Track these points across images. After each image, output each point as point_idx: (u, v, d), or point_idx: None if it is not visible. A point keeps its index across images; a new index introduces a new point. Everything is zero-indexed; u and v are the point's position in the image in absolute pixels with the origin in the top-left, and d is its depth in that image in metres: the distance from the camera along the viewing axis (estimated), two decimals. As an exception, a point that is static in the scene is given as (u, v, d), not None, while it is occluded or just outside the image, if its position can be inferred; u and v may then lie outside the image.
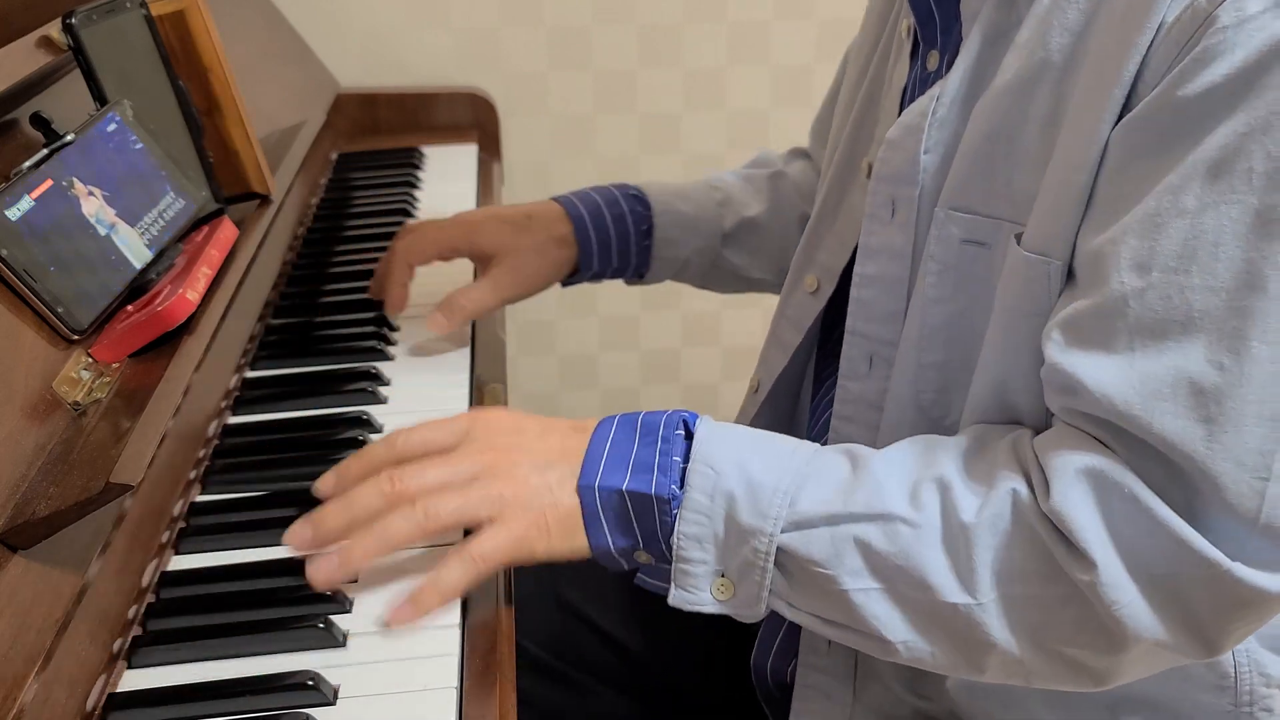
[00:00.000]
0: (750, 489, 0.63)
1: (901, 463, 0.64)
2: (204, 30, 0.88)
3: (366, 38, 1.52)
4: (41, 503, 0.57)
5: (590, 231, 0.94)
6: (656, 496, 0.63)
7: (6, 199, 0.64)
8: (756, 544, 0.62)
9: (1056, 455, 0.59)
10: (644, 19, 1.57)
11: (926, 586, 0.60)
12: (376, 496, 0.64)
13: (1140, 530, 0.56)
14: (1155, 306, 0.56)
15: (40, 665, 0.53)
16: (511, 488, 0.64)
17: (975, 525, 0.60)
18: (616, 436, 0.66)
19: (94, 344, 0.68)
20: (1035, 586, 0.59)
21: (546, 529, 0.64)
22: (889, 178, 0.72)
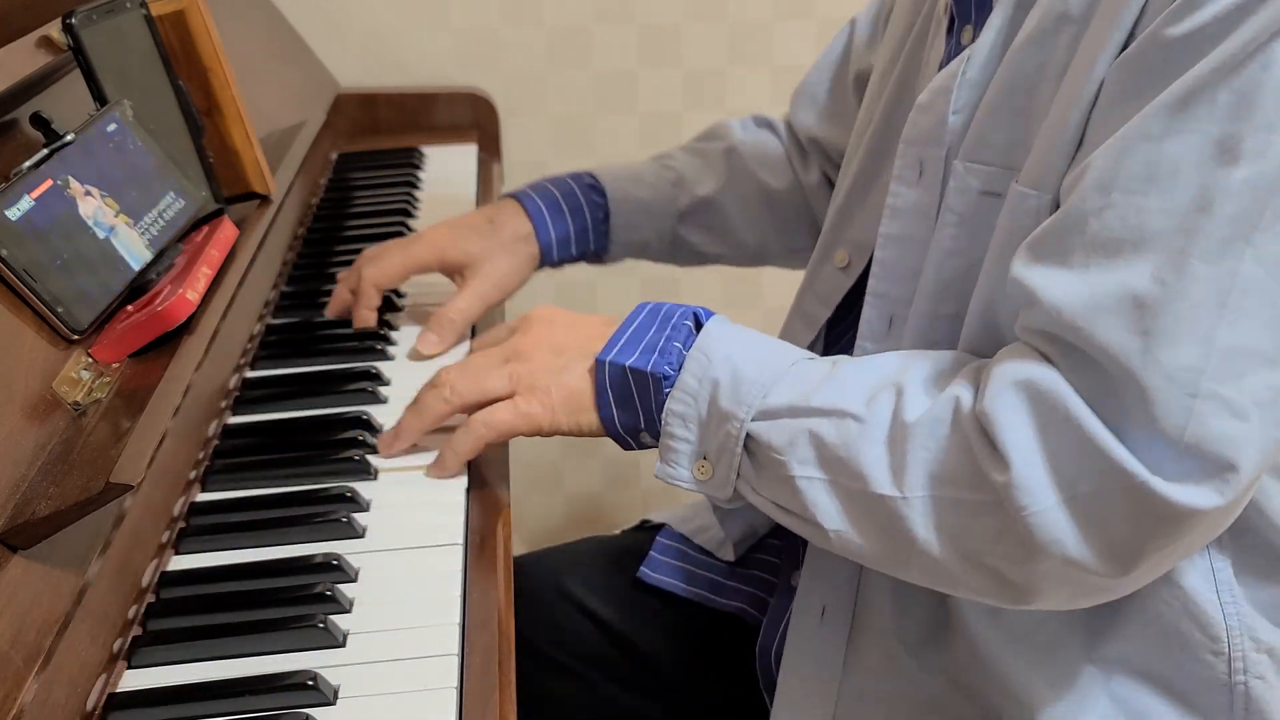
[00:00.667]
0: (734, 378, 0.68)
1: (872, 370, 0.68)
2: (204, 30, 0.88)
3: (366, 38, 1.52)
4: (41, 503, 0.57)
5: (550, 227, 0.98)
6: (652, 374, 0.70)
7: (6, 199, 0.64)
8: (730, 428, 0.68)
9: (999, 365, 0.61)
10: (644, 19, 1.57)
11: (861, 477, 0.63)
12: (439, 400, 0.75)
13: (1067, 442, 0.58)
14: (1112, 225, 0.58)
15: (40, 665, 0.53)
16: (526, 366, 0.73)
17: (915, 424, 0.63)
18: (643, 320, 0.73)
19: (94, 344, 0.68)
20: (962, 490, 0.61)
21: (551, 405, 0.72)
22: (917, 140, 0.73)
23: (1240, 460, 0.56)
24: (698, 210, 1.03)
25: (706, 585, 0.92)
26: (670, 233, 1.04)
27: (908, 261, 0.74)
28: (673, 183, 1.03)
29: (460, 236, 0.96)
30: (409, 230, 1.18)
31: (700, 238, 1.05)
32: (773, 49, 1.62)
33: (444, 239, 0.96)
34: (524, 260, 0.98)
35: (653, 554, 0.94)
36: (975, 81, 0.70)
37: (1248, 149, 0.55)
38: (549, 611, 0.93)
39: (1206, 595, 0.67)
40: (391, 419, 0.83)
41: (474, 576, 0.68)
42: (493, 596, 0.67)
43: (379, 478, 0.77)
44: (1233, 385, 0.56)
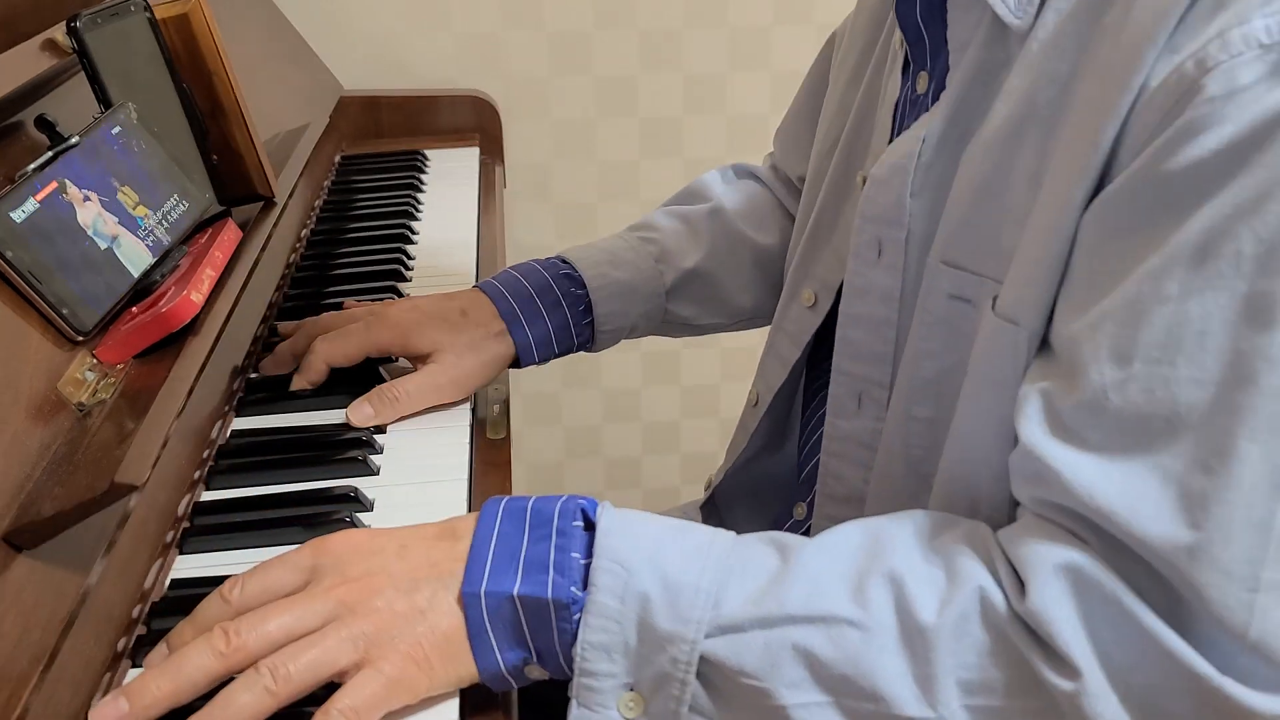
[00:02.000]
0: (667, 588, 0.55)
1: (840, 554, 0.58)
2: (207, 33, 0.88)
3: (369, 41, 1.53)
4: (46, 503, 0.57)
5: (525, 326, 0.87)
6: (554, 601, 0.55)
7: (11, 201, 0.65)
8: (675, 653, 0.55)
9: (1030, 548, 0.53)
10: (644, 23, 1.58)
11: (879, 697, 0.54)
12: (210, 656, 0.53)
13: (1122, 635, 0.51)
14: (1137, 400, 0.51)
15: (45, 665, 0.53)
16: (374, 622, 0.55)
17: (937, 627, 0.53)
18: (504, 530, 0.58)
19: (99, 345, 0.69)
20: (1004, 698, 0.53)
21: (426, 660, 0.55)
22: (875, 218, 0.69)
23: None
24: (686, 283, 0.95)
25: None
26: (659, 311, 0.94)
27: (874, 345, 0.71)
28: (655, 258, 0.94)
29: (429, 324, 0.85)
30: (412, 233, 1.19)
31: (692, 311, 0.96)
32: (772, 54, 1.62)
33: (409, 324, 0.85)
34: (491, 360, 0.85)
35: None
36: (931, 164, 0.65)
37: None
38: None
39: None
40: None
41: (476, 577, 0.68)
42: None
43: (382, 476, 0.77)
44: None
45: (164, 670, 0.54)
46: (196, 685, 0.54)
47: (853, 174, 0.81)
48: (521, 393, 1.74)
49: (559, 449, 1.80)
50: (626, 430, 1.81)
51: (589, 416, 1.79)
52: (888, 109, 0.75)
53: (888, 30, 0.79)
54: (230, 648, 0.54)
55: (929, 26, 0.68)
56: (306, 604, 0.55)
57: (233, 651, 0.54)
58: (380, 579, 0.56)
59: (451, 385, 0.84)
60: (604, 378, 1.77)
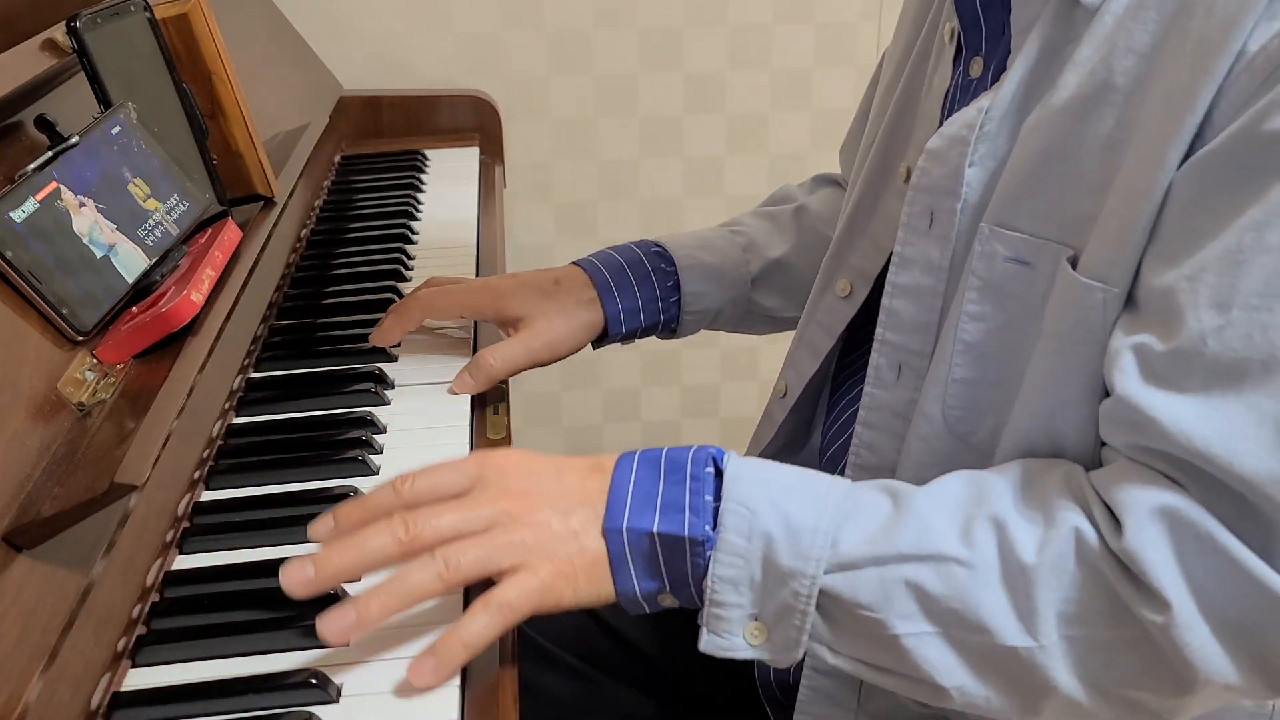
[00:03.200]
0: (789, 529, 0.61)
1: (947, 499, 0.62)
2: (207, 33, 0.88)
3: (369, 41, 1.53)
4: (46, 503, 0.57)
5: (616, 296, 0.92)
6: (690, 539, 0.61)
7: (11, 201, 0.65)
8: (797, 586, 0.60)
9: (1126, 492, 0.57)
10: (644, 22, 1.58)
11: (984, 629, 0.58)
12: (390, 540, 0.60)
13: (1216, 571, 0.55)
14: (1235, 345, 0.54)
15: (45, 664, 0.53)
16: (534, 534, 0.61)
17: (1037, 565, 0.58)
18: (640, 475, 0.64)
19: (98, 345, 0.69)
20: (1100, 629, 0.58)
21: (574, 576, 0.62)
22: (929, 189, 0.70)
23: None
24: (771, 273, 0.98)
25: None
26: (744, 299, 0.98)
27: (918, 314, 0.72)
28: (743, 247, 0.99)
29: (523, 290, 0.91)
30: (412, 233, 1.19)
31: (775, 301, 0.99)
32: (772, 53, 1.62)
33: (505, 290, 0.91)
34: (582, 327, 0.91)
35: None
36: (995, 135, 0.67)
37: None
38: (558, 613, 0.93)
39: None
40: (394, 419, 0.83)
41: (476, 576, 0.68)
42: (495, 596, 0.67)
43: (381, 476, 0.77)
44: None
45: (348, 546, 0.60)
46: (373, 564, 0.60)
47: (892, 166, 0.81)
48: (521, 393, 1.74)
49: (559, 449, 1.80)
50: (626, 430, 1.81)
51: (589, 416, 1.79)
52: (935, 99, 0.76)
53: (931, 23, 0.80)
54: (409, 536, 0.60)
55: (987, 13, 0.71)
56: (475, 508, 0.62)
57: (410, 540, 0.60)
58: (539, 498, 0.63)
59: (545, 349, 0.90)
60: (604, 378, 1.77)
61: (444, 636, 0.59)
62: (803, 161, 1.68)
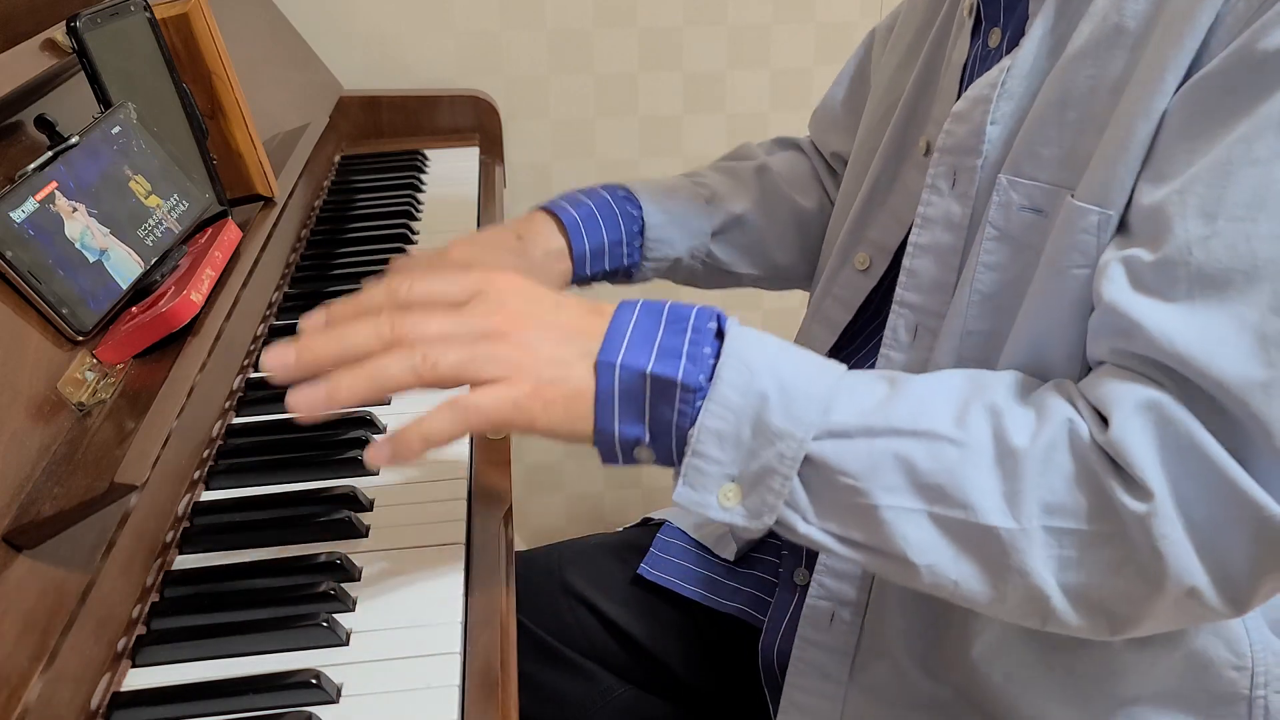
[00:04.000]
0: (784, 391, 0.60)
1: (946, 386, 0.63)
2: (207, 33, 0.88)
3: (369, 41, 1.53)
4: (46, 503, 0.57)
5: (585, 239, 0.91)
6: (682, 384, 0.60)
7: (11, 201, 0.65)
8: (783, 448, 0.59)
9: (1112, 388, 0.58)
10: (644, 22, 1.58)
11: (968, 506, 0.59)
12: (373, 336, 0.59)
13: (1191, 469, 0.56)
14: (1220, 254, 0.56)
15: (45, 664, 0.53)
16: (520, 353, 0.60)
17: (1028, 450, 0.58)
18: (641, 320, 0.63)
19: (98, 345, 0.69)
20: (1081, 521, 0.58)
21: (551, 402, 0.60)
22: (952, 149, 0.72)
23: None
24: (731, 227, 0.99)
25: (706, 584, 0.92)
26: (704, 250, 0.99)
27: (938, 273, 0.72)
28: (706, 199, 0.99)
29: (488, 253, 0.89)
30: (412, 232, 1.19)
31: (733, 256, 1.00)
32: (771, 52, 1.62)
33: (471, 255, 0.88)
34: (554, 277, 0.90)
35: (653, 551, 0.94)
36: (1016, 93, 0.68)
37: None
38: (552, 605, 0.93)
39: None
40: (395, 419, 0.83)
41: (476, 575, 0.68)
42: (495, 595, 0.67)
43: (381, 476, 0.77)
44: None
45: (329, 337, 0.60)
46: (352, 354, 0.59)
47: (912, 140, 0.82)
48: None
49: (559, 449, 1.80)
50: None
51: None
52: (954, 73, 0.77)
53: (949, 4, 0.81)
54: (393, 333, 0.59)
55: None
56: (468, 317, 0.61)
57: (395, 337, 0.59)
58: (533, 321, 0.62)
59: None
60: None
61: (405, 427, 0.59)
62: (803, 161, 1.68)
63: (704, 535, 0.95)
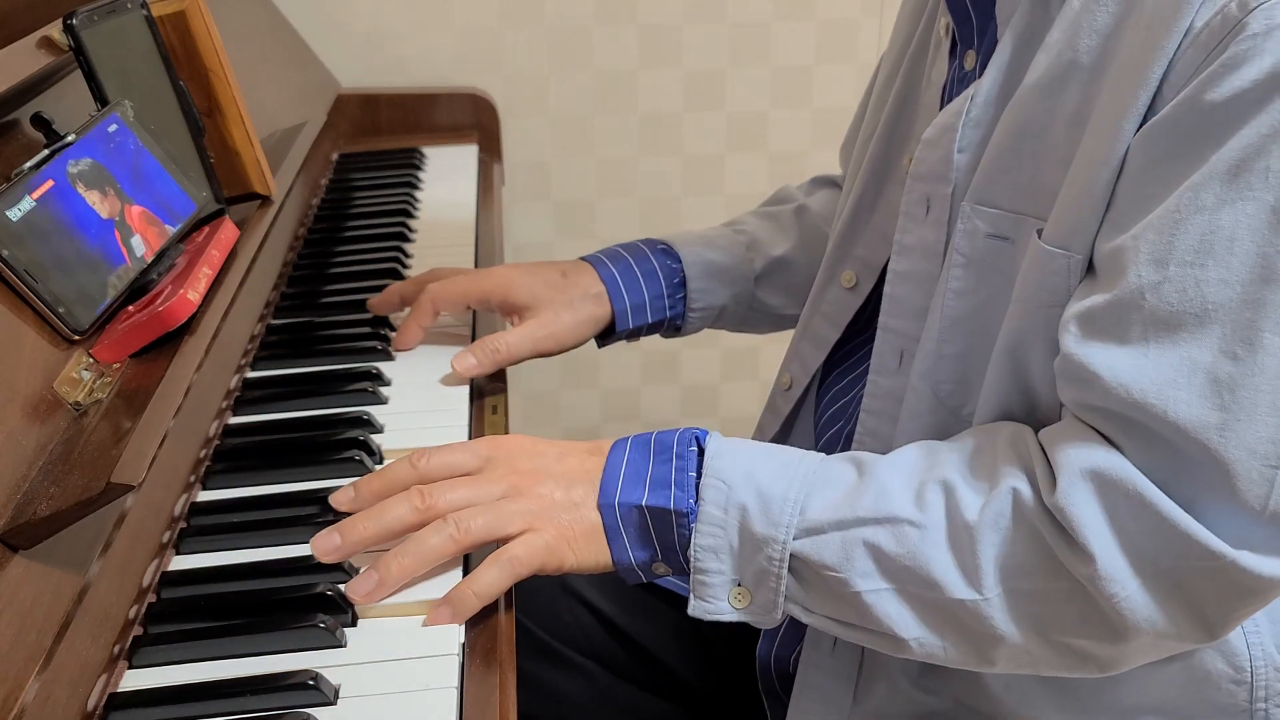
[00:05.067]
0: (761, 499, 0.65)
1: (906, 466, 0.66)
2: (205, 31, 0.88)
3: (367, 38, 1.53)
4: (42, 503, 0.57)
5: (623, 290, 0.94)
6: (675, 511, 0.66)
7: (8, 199, 0.64)
8: (770, 552, 0.65)
9: (1062, 451, 0.60)
10: (644, 19, 1.57)
11: (934, 584, 0.62)
12: (408, 510, 0.66)
13: (1144, 526, 0.58)
14: (1171, 299, 0.57)
15: (41, 665, 0.53)
16: (538, 503, 0.67)
17: (978, 523, 0.62)
18: (632, 456, 0.70)
19: (95, 344, 0.68)
20: (1039, 581, 0.61)
21: (574, 540, 0.67)
22: (924, 176, 0.73)
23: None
24: (774, 271, 1.00)
25: None
26: (748, 296, 1.00)
27: (919, 299, 0.74)
28: (747, 245, 1.01)
29: (530, 280, 0.93)
30: (410, 231, 1.19)
31: (779, 299, 1.01)
32: (772, 49, 1.62)
33: (514, 278, 0.93)
34: (587, 320, 0.93)
35: None
36: (980, 120, 0.70)
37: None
38: (552, 605, 0.94)
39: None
40: (392, 419, 0.83)
41: (475, 576, 0.68)
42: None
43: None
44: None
45: (370, 515, 0.66)
46: (393, 532, 0.66)
47: (895, 159, 0.83)
48: (521, 393, 1.73)
49: (558, 447, 1.79)
50: (626, 430, 1.80)
51: (588, 416, 1.79)
52: (934, 93, 0.78)
53: (926, 21, 0.82)
54: (425, 505, 0.66)
55: (976, 7, 0.73)
56: (485, 484, 0.68)
57: (426, 509, 0.66)
58: (543, 475, 0.69)
59: (550, 339, 0.92)
60: (603, 378, 1.77)
61: (458, 587, 0.64)
62: (803, 159, 1.68)
63: None
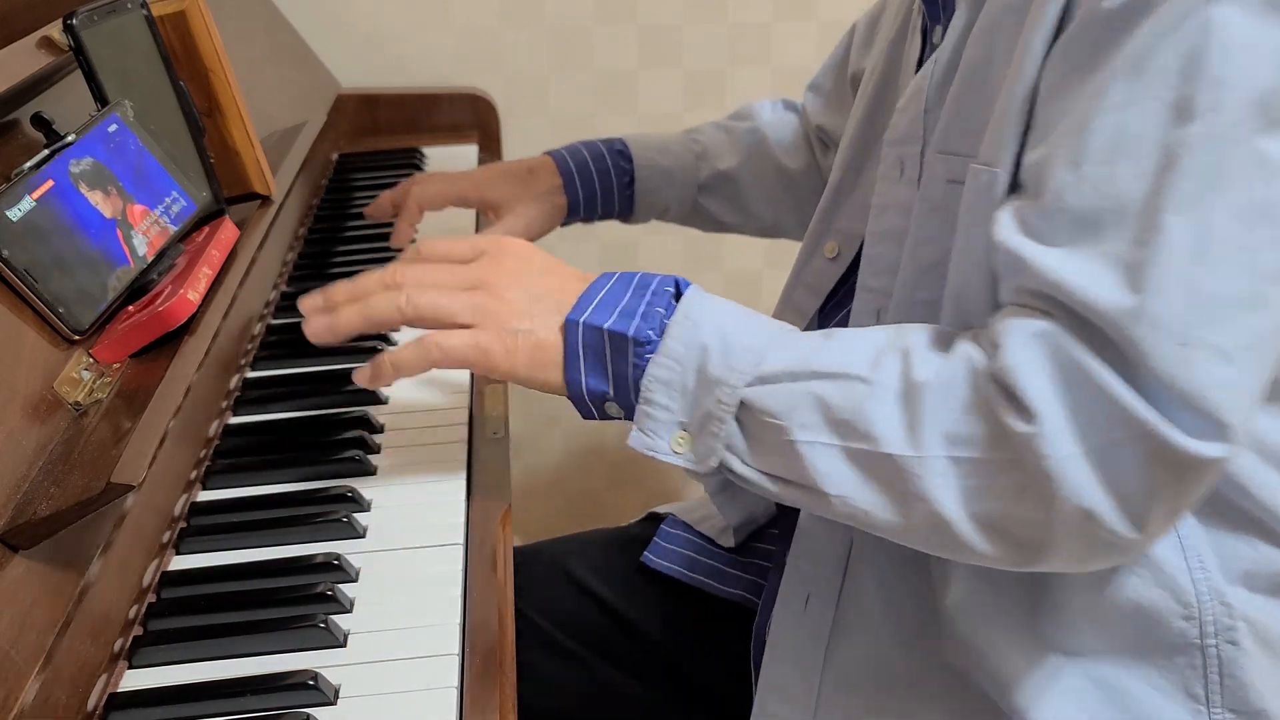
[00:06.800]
0: (724, 344, 0.66)
1: (870, 335, 0.68)
2: (205, 31, 0.88)
3: (367, 38, 1.52)
4: (42, 503, 0.57)
5: (578, 184, 1.09)
6: (634, 338, 0.67)
7: (7, 199, 0.64)
8: (720, 394, 0.66)
9: (1007, 322, 0.62)
10: (644, 19, 1.57)
11: (872, 438, 0.63)
12: (377, 282, 0.71)
13: (1083, 395, 0.59)
14: (1089, 197, 0.60)
15: (41, 665, 0.53)
16: (495, 304, 0.70)
17: (928, 383, 0.62)
18: (613, 287, 0.71)
19: (95, 344, 0.68)
20: (979, 449, 0.61)
21: (514, 350, 0.69)
22: (897, 140, 0.76)
23: (1233, 403, 0.58)
24: (717, 182, 1.12)
25: (708, 572, 0.93)
26: (690, 201, 1.13)
27: (893, 255, 0.75)
28: (697, 155, 1.12)
29: (501, 179, 1.08)
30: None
31: (718, 207, 1.13)
32: (772, 50, 1.62)
33: (487, 178, 1.08)
34: (552, 210, 1.08)
35: (657, 540, 0.96)
36: (941, 80, 0.73)
37: (1201, 106, 0.57)
38: (555, 594, 0.94)
39: (1176, 564, 0.68)
40: (391, 418, 0.83)
41: (475, 576, 0.68)
42: (493, 596, 0.67)
43: (379, 476, 0.77)
44: (1218, 331, 0.57)
45: (357, 307, 0.71)
46: (359, 296, 0.71)
47: (876, 136, 0.84)
48: (521, 392, 1.73)
49: (559, 448, 1.79)
50: (626, 430, 1.81)
51: (588, 414, 1.79)
52: (910, 68, 0.81)
53: (907, 5, 0.85)
54: (392, 280, 0.71)
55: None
56: (457, 273, 0.71)
57: (393, 282, 0.71)
58: (517, 279, 0.71)
59: (523, 231, 1.06)
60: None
61: (380, 354, 0.72)
62: (802, 159, 1.68)
63: (706, 527, 0.96)
